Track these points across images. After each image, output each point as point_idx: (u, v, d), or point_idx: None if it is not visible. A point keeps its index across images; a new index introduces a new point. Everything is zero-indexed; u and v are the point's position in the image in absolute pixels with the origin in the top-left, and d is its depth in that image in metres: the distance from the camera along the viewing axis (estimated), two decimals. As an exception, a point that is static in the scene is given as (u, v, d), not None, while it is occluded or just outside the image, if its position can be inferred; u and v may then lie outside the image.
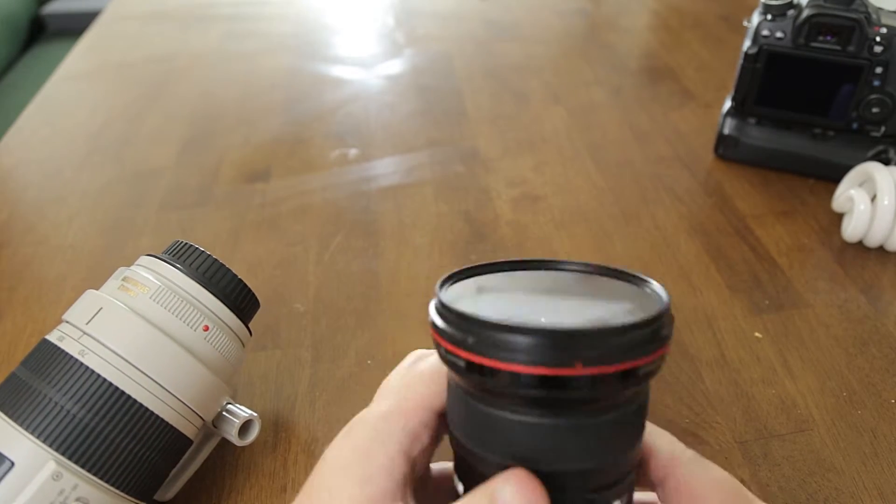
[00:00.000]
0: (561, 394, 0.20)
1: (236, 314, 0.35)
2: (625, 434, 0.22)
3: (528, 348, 0.19)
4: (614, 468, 0.22)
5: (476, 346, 0.20)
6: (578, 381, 0.19)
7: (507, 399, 0.21)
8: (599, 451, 0.21)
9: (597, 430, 0.21)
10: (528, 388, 0.20)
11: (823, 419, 0.41)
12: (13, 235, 0.59)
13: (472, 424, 0.22)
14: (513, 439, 0.21)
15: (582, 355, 0.19)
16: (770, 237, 0.54)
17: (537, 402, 0.20)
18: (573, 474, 0.21)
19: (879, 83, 0.53)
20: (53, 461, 0.29)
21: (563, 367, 0.19)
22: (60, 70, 0.87)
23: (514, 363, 0.20)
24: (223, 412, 0.36)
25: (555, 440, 0.21)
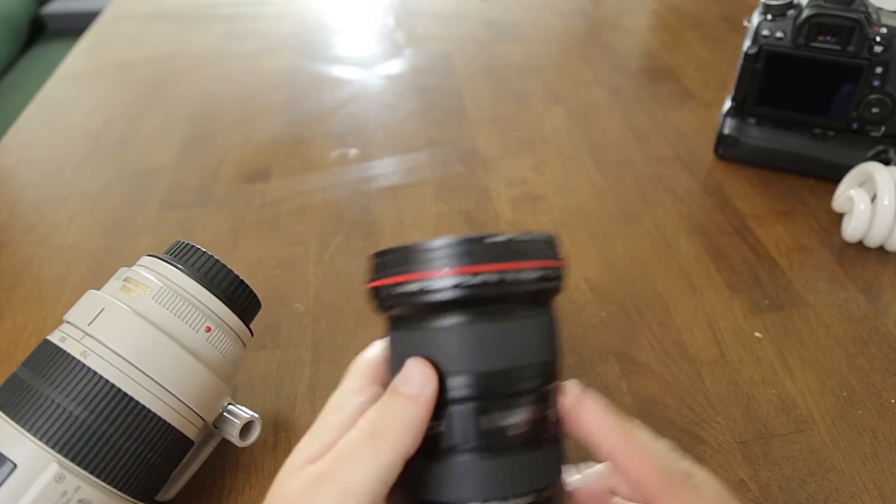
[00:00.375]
0: (427, 297, 0.24)
1: (238, 315, 0.35)
2: (514, 342, 0.25)
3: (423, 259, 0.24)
4: (501, 379, 0.24)
5: (380, 272, 0.25)
6: (437, 282, 0.24)
7: (407, 310, 0.25)
8: (476, 356, 0.24)
9: (480, 333, 0.24)
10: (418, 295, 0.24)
11: (823, 419, 0.41)
12: (13, 235, 0.59)
13: (394, 355, 0.26)
14: (417, 351, 0.25)
15: (451, 262, 0.24)
16: (770, 237, 0.54)
17: (428, 307, 0.24)
18: (460, 377, 0.24)
19: (879, 83, 0.53)
20: (56, 463, 0.29)
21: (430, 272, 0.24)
22: (60, 70, 0.87)
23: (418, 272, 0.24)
24: (224, 413, 0.36)
25: (442, 342, 0.24)
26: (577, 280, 0.51)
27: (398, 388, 0.25)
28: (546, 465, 0.25)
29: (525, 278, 0.24)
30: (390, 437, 0.24)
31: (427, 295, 0.24)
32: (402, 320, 0.26)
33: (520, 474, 0.24)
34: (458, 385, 0.24)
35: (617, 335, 0.47)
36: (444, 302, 0.24)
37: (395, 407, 0.24)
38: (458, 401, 0.24)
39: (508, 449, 0.24)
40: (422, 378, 0.24)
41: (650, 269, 0.52)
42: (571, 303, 0.49)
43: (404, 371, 0.25)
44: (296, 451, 0.25)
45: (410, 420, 0.24)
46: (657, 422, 0.41)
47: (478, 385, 0.24)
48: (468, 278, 0.24)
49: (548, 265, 0.25)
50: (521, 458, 0.24)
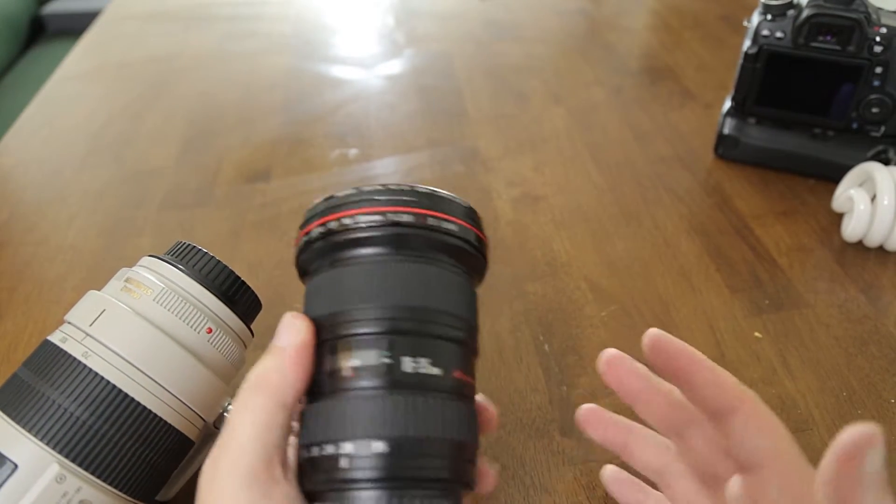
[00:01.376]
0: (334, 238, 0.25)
1: (239, 316, 0.35)
2: (429, 283, 0.25)
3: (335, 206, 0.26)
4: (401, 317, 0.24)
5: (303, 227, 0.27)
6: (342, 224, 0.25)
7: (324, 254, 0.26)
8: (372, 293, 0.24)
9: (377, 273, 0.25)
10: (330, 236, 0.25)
11: (823, 419, 0.41)
12: (13, 235, 0.59)
13: (314, 297, 0.26)
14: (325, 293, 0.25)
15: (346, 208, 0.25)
16: (770, 237, 0.54)
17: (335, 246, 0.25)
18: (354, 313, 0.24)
19: (879, 83, 0.53)
20: (57, 464, 0.29)
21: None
22: (60, 70, 0.87)
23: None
24: (225, 413, 0.36)
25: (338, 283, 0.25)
26: (577, 280, 0.51)
27: (273, 342, 0.26)
28: (455, 417, 0.24)
29: (442, 227, 0.25)
30: (263, 387, 0.25)
31: (351, 231, 0.25)
32: (322, 265, 0.26)
33: (420, 417, 0.23)
34: (367, 317, 0.24)
35: (617, 335, 0.47)
36: (365, 238, 0.25)
37: (266, 359, 0.25)
38: (364, 335, 0.24)
39: (414, 389, 0.23)
40: (289, 328, 0.26)
41: (650, 269, 0.52)
42: (571, 303, 0.49)
43: (279, 325, 0.26)
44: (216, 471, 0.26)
45: (280, 368, 0.25)
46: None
47: (389, 318, 0.24)
48: (389, 216, 0.24)
49: (463, 224, 0.26)
50: (425, 402, 0.23)
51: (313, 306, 0.26)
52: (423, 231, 0.25)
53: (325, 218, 0.26)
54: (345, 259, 0.25)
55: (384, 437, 0.23)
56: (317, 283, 0.26)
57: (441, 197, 0.26)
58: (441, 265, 0.25)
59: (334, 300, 0.25)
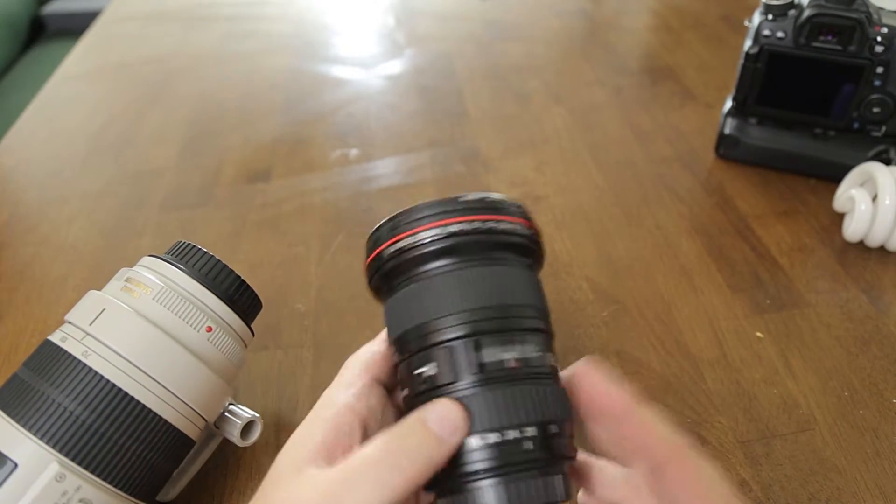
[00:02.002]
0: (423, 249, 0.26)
1: (239, 315, 0.35)
2: (501, 282, 0.26)
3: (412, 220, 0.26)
4: None
5: (373, 245, 0.28)
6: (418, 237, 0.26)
7: (408, 268, 0.26)
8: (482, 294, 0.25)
9: (489, 273, 0.26)
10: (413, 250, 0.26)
11: (825, 419, 0.41)
12: (14, 236, 0.59)
13: (394, 315, 0.27)
14: (423, 303, 0.26)
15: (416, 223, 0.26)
16: (771, 237, 0.54)
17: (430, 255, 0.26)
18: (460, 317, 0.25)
19: (880, 83, 0.53)
20: (57, 463, 0.29)
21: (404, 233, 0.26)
22: (60, 70, 0.87)
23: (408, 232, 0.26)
24: (225, 413, 0.36)
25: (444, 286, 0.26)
26: (578, 280, 0.51)
27: (429, 423, 0.24)
28: (549, 399, 0.25)
29: (501, 228, 0.27)
30: (407, 471, 0.23)
31: (418, 248, 0.26)
32: (396, 286, 0.27)
33: (521, 404, 0.24)
34: (453, 323, 0.25)
35: (618, 335, 0.47)
36: (434, 251, 0.26)
37: (419, 441, 0.24)
38: (454, 339, 0.25)
39: (507, 381, 0.25)
40: (455, 423, 0.24)
41: (651, 269, 0.52)
42: (573, 303, 0.49)
43: (440, 408, 0.24)
44: (288, 447, 0.25)
45: (432, 460, 0.24)
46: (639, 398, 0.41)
47: (472, 321, 0.25)
48: (450, 227, 0.26)
49: (516, 221, 0.27)
50: (522, 389, 0.25)
51: (401, 320, 0.27)
52: (484, 236, 0.26)
53: (394, 238, 0.27)
54: (420, 274, 0.27)
55: (496, 429, 0.24)
56: (399, 298, 0.27)
57: (493, 200, 0.27)
58: (504, 263, 0.27)
59: (417, 314, 0.26)
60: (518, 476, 0.24)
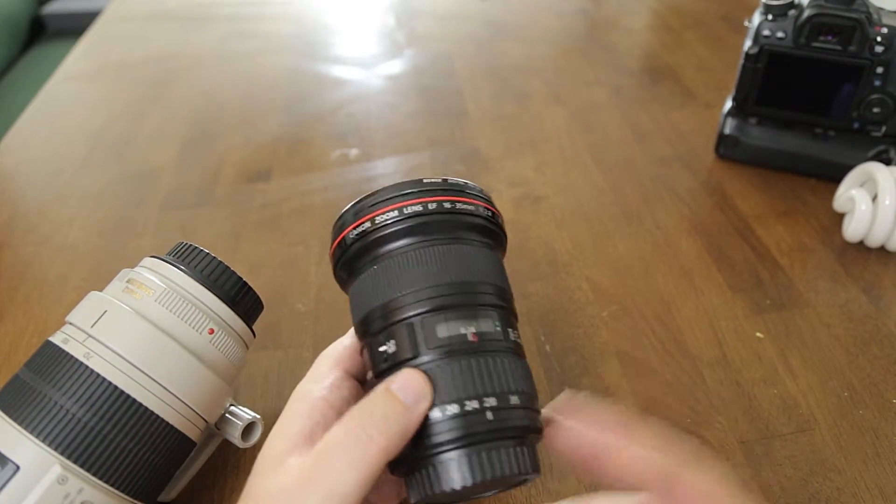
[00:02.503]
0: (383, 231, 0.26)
1: (241, 317, 0.35)
2: (463, 260, 0.27)
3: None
4: None
5: (336, 232, 0.28)
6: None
7: (374, 248, 0.27)
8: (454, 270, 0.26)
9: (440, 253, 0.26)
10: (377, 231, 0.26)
11: (825, 419, 0.41)
12: (14, 235, 0.59)
13: (357, 299, 0.27)
14: (385, 282, 0.26)
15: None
16: (771, 237, 0.54)
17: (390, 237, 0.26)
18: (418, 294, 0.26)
19: (880, 83, 0.53)
20: (59, 465, 0.29)
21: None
22: (60, 70, 0.86)
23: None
24: (226, 414, 0.36)
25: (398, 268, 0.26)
26: (578, 280, 0.51)
27: (394, 391, 0.24)
28: (508, 370, 0.25)
29: (460, 209, 0.27)
30: (378, 441, 0.23)
31: (379, 230, 0.26)
32: (359, 269, 0.27)
33: (479, 375, 0.24)
34: (412, 301, 0.25)
35: (618, 335, 0.47)
36: (394, 231, 0.26)
37: (387, 409, 0.24)
38: (413, 316, 0.25)
39: (465, 353, 0.25)
40: (420, 389, 0.24)
41: (651, 269, 0.52)
42: (573, 302, 0.49)
43: (403, 376, 0.24)
44: (267, 443, 0.26)
45: (402, 428, 0.24)
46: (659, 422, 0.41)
47: (431, 297, 0.25)
48: (411, 208, 0.26)
49: (479, 203, 0.28)
50: (480, 360, 0.25)
51: (363, 302, 0.27)
52: (445, 215, 0.27)
53: (357, 222, 0.27)
54: (382, 255, 0.27)
55: (459, 400, 0.24)
56: (362, 281, 0.28)
57: (454, 182, 0.28)
58: (467, 242, 0.27)
59: (381, 293, 0.26)
60: (481, 446, 0.24)
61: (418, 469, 0.25)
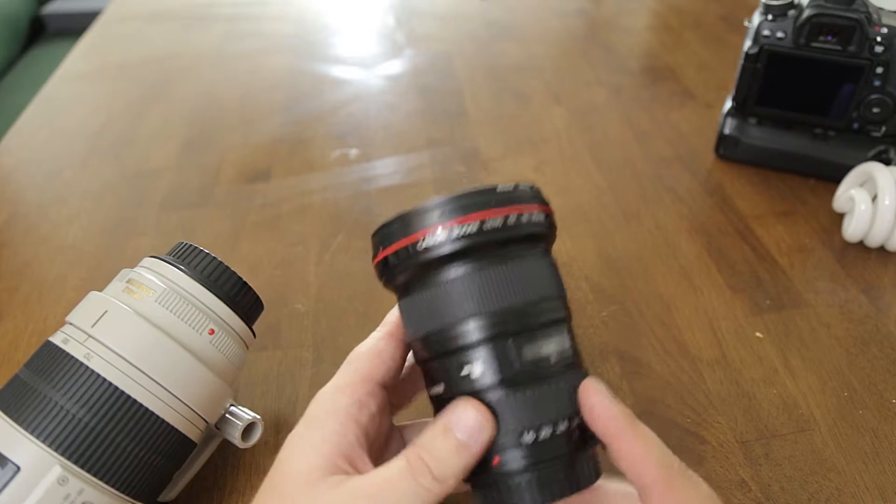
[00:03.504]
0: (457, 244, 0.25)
1: (241, 317, 0.35)
2: (520, 279, 0.26)
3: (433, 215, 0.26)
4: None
5: (384, 243, 0.27)
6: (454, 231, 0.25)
7: (431, 267, 0.26)
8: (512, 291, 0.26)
9: (521, 267, 0.26)
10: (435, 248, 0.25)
11: (825, 419, 0.41)
12: (14, 235, 0.59)
13: (417, 314, 0.27)
14: (450, 301, 0.26)
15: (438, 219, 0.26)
16: (771, 237, 0.54)
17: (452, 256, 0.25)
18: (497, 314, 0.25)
19: (880, 83, 0.53)
20: (59, 465, 0.29)
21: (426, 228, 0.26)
22: (60, 70, 0.86)
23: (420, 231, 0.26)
24: (226, 414, 0.36)
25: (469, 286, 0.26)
26: (577, 280, 0.51)
27: (452, 430, 0.24)
28: (574, 391, 0.26)
29: (516, 222, 0.26)
30: (438, 483, 0.24)
31: (430, 251, 0.25)
32: (410, 285, 0.27)
33: (550, 402, 0.25)
34: (477, 325, 0.25)
35: (618, 335, 0.47)
36: (447, 255, 0.25)
37: (446, 451, 0.24)
38: (480, 342, 0.25)
39: (535, 380, 0.25)
40: (478, 425, 0.24)
41: (651, 269, 0.52)
42: (573, 302, 0.49)
43: (458, 412, 0.25)
44: (295, 455, 0.25)
45: (461, 467, 0.24)
46: (658, 422, 0.41)
47: (495, 324, 0.25)
48: (464, 228, 0.25)
49: (534, 210, 0.27)
50: (549, 387, 0.26)
51: (414, 326, 0.27)
52: (495, 234, 0.26)
53: (410, 238, 0.26)
54: (433, 278, 0.26)
55: (525, 430, 0.25)
56: (416, 300, 0.27)
57: (502, 192, 0.27)
58: (520, 256, 0.27)
59: (434, 320, 0.26)
60: (549, 471, 0.25)
61: (488, 486, 0.26)
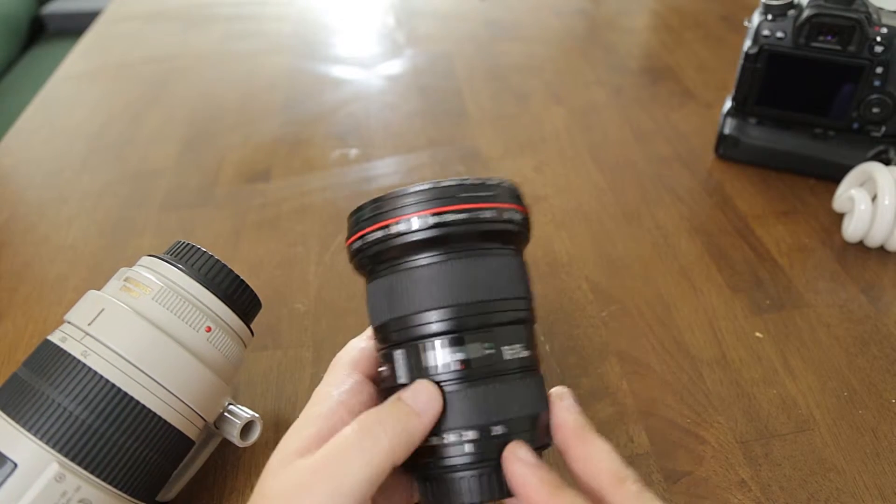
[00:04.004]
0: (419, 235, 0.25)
1: (238, 315, 0.35)
2: (485, 276, 0.26)
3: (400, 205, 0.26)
4: None
5: (357, 226, 0.27)
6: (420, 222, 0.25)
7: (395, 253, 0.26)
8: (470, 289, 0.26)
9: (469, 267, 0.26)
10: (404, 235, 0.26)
11: (824, 419, 0.41)
12: (14, 235, 0.59)
13: (376, 301, 0.27)
14: (414, 291, 0.26)
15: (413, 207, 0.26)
16: (771, 237, 0.54)
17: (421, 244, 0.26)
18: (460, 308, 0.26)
19: (880, 83, 0.53)
20: (56, 463, 0.29)
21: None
22: (60, 70, 0.87)
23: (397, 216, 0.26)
24: (225, 413, 0.36)
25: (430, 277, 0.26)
26: (577, 280, 0.51)
27: (404, 398, 0.25)
28: (523, 395, 0.26)
29: (487, 217, 0.26)
30: (385, 443, 0.24)
31: (396, 238, 0.26)
32: (379, 270, 0.27)
33: (495, 402, 0.26)
34: (435, 319, 0.26)
35: (618, 335, 0.47)
36: (416, 241, 0.26)
37: (395, 415, 0.25)
38: (434, 334, 0.26)
39: (483, 378, 0.26)
40: (429, 396, 0.25)
41: (651, 269, 0.52)
42: (572, 302, 0.49)
43: (413, 386, 0.25)
44: (281, 443, 0.26)
45: (409, 433, 0.25)
46: (658, 422, 0.41)
47: (452, 318, 0.26)
48: (436, 217, 0.25)
49: (507, 207, 0.27)
50: (497, 387, 0.26)
51: (379, 310, 0.28)
52: (466, 227, 0.26)
53: (376, 225, 0.26)
54: (400, 265, 0.27)
55: (473, 427, 0.25)
56: (379, 286, 0.27)
57: (476, 185, 0.27)
58: (489, 253, 0.27)
59: (399, 306, 0.26)
60: (492, 469, 0.25)
61: (432, 479, 0.26)
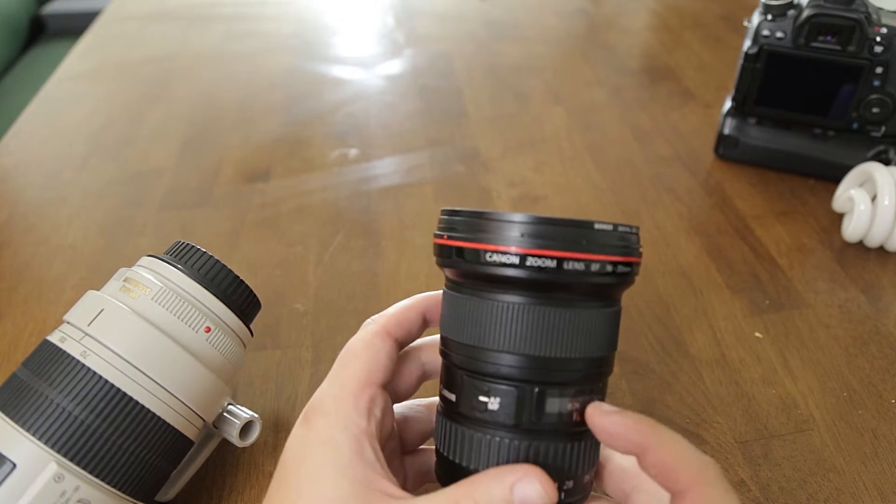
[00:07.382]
0: (547, 276, 0.24)
1: (238, 315, 0.35)
2: (571, 333, 0.25)
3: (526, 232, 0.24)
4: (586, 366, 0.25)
5: (454, 231, 0.25)
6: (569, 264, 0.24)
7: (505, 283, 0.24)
8: (586, 342, 0.25)
9: (584, 319, 0.25)
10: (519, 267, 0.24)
11: (824, 419, 0.41)
12: (13, 235, 0.59)
13: (458, 318, 0.26)
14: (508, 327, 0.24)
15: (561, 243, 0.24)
16: (770, 237, 0.54)
17: (527, 283, 0.24)
18: (560, 361, 0.25)
19: (880, 83, 0.53)
20: (55, 463, 0.29)
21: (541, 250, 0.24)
22: (60, 70, 0.87)
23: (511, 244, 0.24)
24: (224, 413, 0.36)
25: (541, 323, 0.24)
26: (577, 280, 0.51)
27: (512, 489, 0.24)
28: (580, 456, 0.26)
29: (599, 270, 0.24)
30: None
31: (495, 267, 0.24)
32: (464, 283, 0.26)
33: (553, 461, 0.25)
34: (511, 363, 0.25)
35: (617, 335, 0.47)
36: (511, 278, 0.24)
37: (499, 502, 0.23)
38: (507, 379, 0.25)
39: (551, 434, 0.25)
40: (540, 502, 0.24)
41: (650, 269, 0.52)
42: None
43: (528, 478, 0.24)
44: (321, 478, 0.25)
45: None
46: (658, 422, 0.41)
47: (530, 368, 0.25)
48: (541, 260, 0.23)
49: (620, 260, 0.25)
50: (558, 445, 0.25)
51: (453, 328, 0.27)
52: (565, 277, 0.24)
53: (473, 244, 0.25)
54: (488, 293, 0.25)
55: None
56: (457, 302, 0.26)
57: (598, 231, 0.25)
58: (584, 307, 0.25)
59: (475, 334, 0.25)
60: None
61: None
